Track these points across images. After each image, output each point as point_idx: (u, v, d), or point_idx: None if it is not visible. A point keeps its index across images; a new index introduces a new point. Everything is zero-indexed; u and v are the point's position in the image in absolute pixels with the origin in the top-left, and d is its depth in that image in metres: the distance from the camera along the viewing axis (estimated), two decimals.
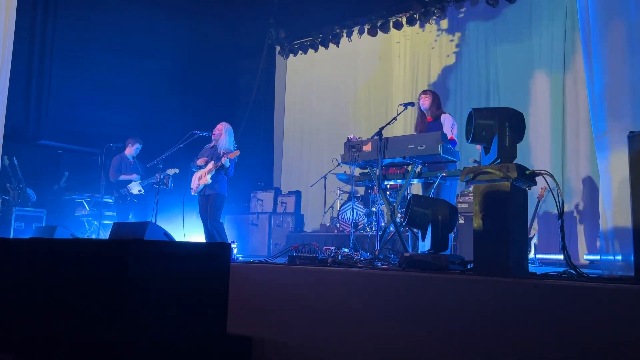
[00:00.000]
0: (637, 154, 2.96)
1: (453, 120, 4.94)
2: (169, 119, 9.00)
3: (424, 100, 4.97)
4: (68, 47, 8.47)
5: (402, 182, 4.70)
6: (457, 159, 4.49)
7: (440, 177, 4.39)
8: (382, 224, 4.85)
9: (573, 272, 2.81)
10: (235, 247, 5.56)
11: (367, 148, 4.46)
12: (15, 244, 2.58)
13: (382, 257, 4.09)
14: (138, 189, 6.81)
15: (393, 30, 8.14)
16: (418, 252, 3.69)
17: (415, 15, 7.74)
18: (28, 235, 6.73)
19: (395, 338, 2.60)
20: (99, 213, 7.27)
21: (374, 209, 6.38)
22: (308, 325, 2.92)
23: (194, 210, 5.88)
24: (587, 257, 5.73)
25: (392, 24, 8.06)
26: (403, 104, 4.81)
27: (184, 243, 3.73)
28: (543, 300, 2.25)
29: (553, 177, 2.91)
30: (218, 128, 5.74)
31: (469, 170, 2.97)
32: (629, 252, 3.42)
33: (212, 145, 5.81)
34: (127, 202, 6.77)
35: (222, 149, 5.63)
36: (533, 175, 2.93)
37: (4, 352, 2.28)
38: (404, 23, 7.95)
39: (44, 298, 2.25)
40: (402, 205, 4.72)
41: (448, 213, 3.41)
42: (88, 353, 2.04)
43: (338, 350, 2.76)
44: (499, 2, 7.07)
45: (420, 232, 3.58)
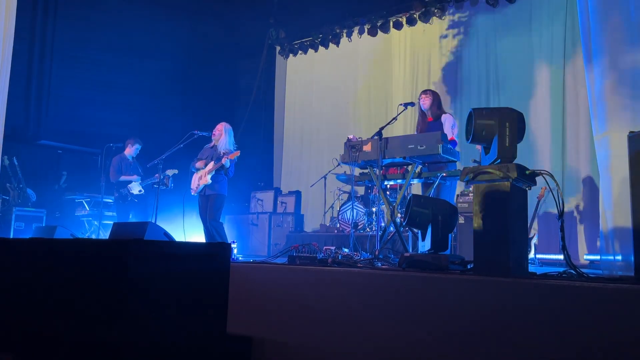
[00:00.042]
0: (637, 154, 2.96)
1: (454, 121, 4.92)
2: (169, 119, 9.00)
3: (425, 100, 4.95)
4: (68, 47, 8.47)
5: (402, 182, 4.70)
6: (457, 159, 4.49)
7: (440, 177, 4.39)
8: (382, 224, 4.85)
9: (573, 272, 2.81)
10: (235, 247, 5.56)
11: (367, 148, 4.46)
12: (15, 244, 2.58)
13: (382, 257, 4.09)
14: (138, 189, 6.82)
15: (393, 30, 8.13)
16: (418, 252, 3.69)
17: (415, 15, 7.74)
18: (28, 235, 6.73)
19: (395, 338, 2.60)
20: (99, 213, 7.27)
21: (374, 209, 6.38)
22: (308, 325, 2.91)
23: (194, 210, 5.88)
24: (587, 257, 5.73)
25: (392, 24, 8.06)
26: (403, 104, 4.80)
27: (184, 243, 3.73)
28: (543, 300, 2.25)
29: (553, 177, 2.91)
30: (218, 128, 5.74)
31: (469, 170, 2.97)
32: (629, 252, 3.42)
33: (212, 146, 5.80)
34: (127, 202, 6.78)
35: (222, 149, 5.63)
36: (533, 175, 2.93)
37: (4, 352, 2.28)
38: (404, 23, 7.95)
39: (44, 298, 2.25)
40: (402, 205, 4.72)
41: (448, 213, 3.41)
42: (88, 353, 2.04)
43: (338, 350, 2.76)
44: (499, 2, 7.07)
45: (420, 232, 3.58)
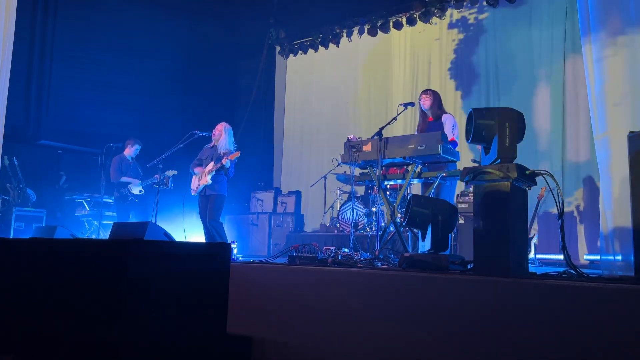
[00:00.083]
0: (637, 154, 2.96)
1: (455, 121, 4.89)
2: (169, 119, 9.00)
3: (425, 101, 4.93)
4: (68, 47, 8.47)
5: (402, 182, 4.70)
6: (457, 159, 4.49)
7: (440, 177, 4.39)
8: (382, 224, 4.85)
9: (573, 272, 2.81)
10: (235, 247, 5.55)
11: (367, 148, 4.46)
12: (15, 244, 2.58)
13: (382, 257, 4.09)
14: (139, 189, 6.82)
15: (393, 30, 8.13)
16: (418, 252, 3.69)
17: (415, 15, 7.74)
18: (28, 235, 6.73)
19: (395, 338, 2.60)
20: (99, 213, 7.27)
21: (374, 209, 6.38)
22: (308, 325, 2.91)
23: (195, 210, 5.88)
24: (587, 257, 5.73)
25: (392, 24, 8.05)
26: (403, 104, 4.80)
27: (184, 243, 3.73)
28: (543, 300, 2.25)
29: (553, 177, 2.91)
30: (218, 129, 5.73)
31: (469, 170, 2.97)
32: (629, 252, 3.42)
33: (212, 146, 5.80)
34: (128, 202, 6.78)
35: (222, 150, 5.63)
36: (533, 175, 2.93)
37: (5, 353, 2.28)
38: (404, 23, 7.94)
39: (44, 298, 2.25)
40: (402, 205, 4.72)
41: (448, 213, 3.41)
42: (88, 353, 2.04)
43: (338, 350, 2.76)
44: (499, 2, 7.07)
45: (420, 232, 3.58)
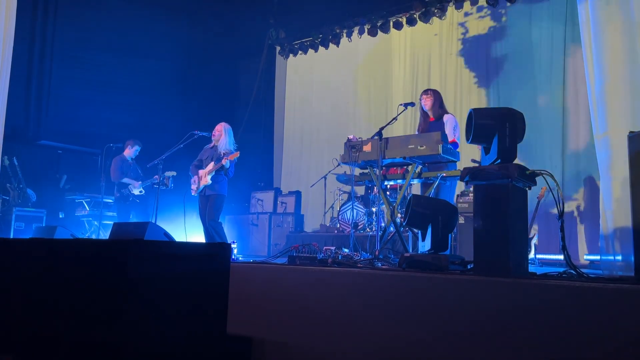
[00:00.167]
0: (637, 154, 2.96)
1: (456, 122, 4.85)
2: (169, 119, 9.00)
3: (426, 101, 4.90)
4: (68, 47, 8.46)
5: (402, 182, 4.69)
6: (457, 159, 4.48)
7: (440, 177, 4.39)
8: (382, 224, 4.85)
9: (573, 272, 2.81)
10: (235, 247, 5.56)
11: (367, 148, 4.46)
12: (15, 244, 2.58)
13: (382, 257, 4.09)
14: (139, 190, 6.83)
15: (393, 30, 8.13)
16: (418, 252, 3.69)
17: (415, 15, 7.73)
18: (28, 236, 6.73)
19: (396, 338, 2.60)
20: (99, 213, 7.27)
21: (374, 209, 6.38)
22: (308, 326, 2.91)
23: (195, 211, 5.88)
24: (587, 257, 5.73)
25: (392, 24, 8.05)
26: (403, 104, 4.79)
27: (184, 243, 3.73)
28: (543, 300, 2.25)
29: (553, 177, 2.91)
30: (217, 129, 5.73)
31: (469, 170, 2.97)
32: (629, 252, 3.42)
33: (212, 146, 5.80)
34: (128, 202, 6.78)
35: (222, 150, 5.63)
36: (533, 175, 2.93)
37: (5, 353, 2.28)
38: (404, 23, 7.94)
39: (44, 298, 2.25)
40: (402, 206, 4.72)
41: (448, 213, 3.41)
42: (88, 353, 2.04)
43: (338, 351, 2.76)
44: (499, 2, 7.07)
45: (420, 232, 3.58)
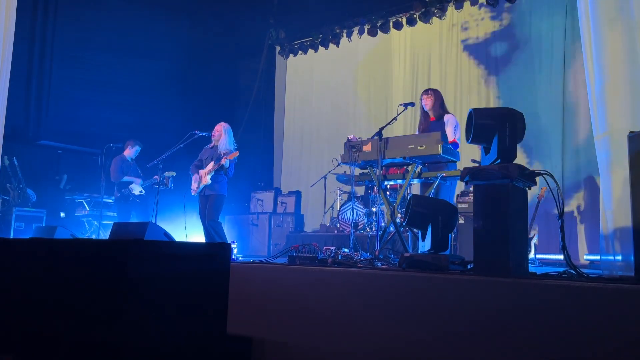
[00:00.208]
0: (637, 154, 2.96)
1: (457, 122, 4.82)
2: (169, 119, 9.00)
3: (426, 101, 4.88)
4: (68, 47, 8.46)
5: (402, 182, 4.69)
6: (457, 159, 4.48)
7: (440, 177, 4.39)
8: (382, 224, 4.85)
9: (573, 272, 2.81)
10: (236, 247, 5.56)
11: (367, 148, 4.46)
12: (15, 244, 2.58)
13: (382, 257, 4.09)
14: (139, 190, 6.83)
15: (393, 30, 8.13)
16: (418, 252, 3.69)
17: (415, 15, 7.73)
18: (28, 236, 6.73)
19: (396, 338, 2.60)
20: (99, 213, 7.27)
21: (374, 209, 6.38)
22: (308, 326, 2.91)
23: (195, 211, 5.88)
24: (587, 257, 5.73)
25: (392, 24, 8.05)
26: (403, 104, 4.79)
27: (184, 243, 3.73)
28: (543, 300, 2.25)
29: (553, 177, 2.91)
30: (217, 129, 5.73)
31: (469, 170, 2.97)
32: (629, 252, 3.42)
33: (212, 146, 5.80)
34: (129, 202, 6.78)
35: (222, 150, 5.63)
36: (533, 175, 2.93)
37: (5, 353, 2.28)
38: (404, 23, 7.94)
39: (44, 298, 2.25)
40: (402, 205, 4.71)
41: (448, 213, 3.41)
42: (88, 353, 2.04)
43: (338, 351, 2.76)
44: (499, 2, 7.07)
45: (420, 232, 3.58)
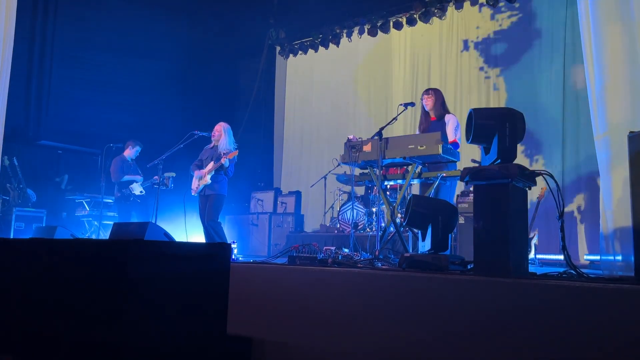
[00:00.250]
0: (637, 154, 2.96)
1: (457, 122, 4.80)
2: (169, 119, 9.00)
3: (427, 101, 4.87)
4: (68, 47, 8.46)
5: (402, 182, 4.69)
6: (457, 159, 4.48)
7: (440, 177, 4.39)
8: (382, 224, 4.85)
9: (573, 272, 2.81)
10: (236, 247, 5.56)
11: (367, 148, 4.46)
12: (15, 244, 2.58)
13: (382, 257, 4.09)
14: (139, 190, 6.82)
15: (393, 30, 8.13)
16: (418, 252, 3.69)
17: (415, 15, 7.73)
18: (28, 236, 6.73)
19: (396, 338, 2.60)
20: (99, 213, 7.27)
21: (374, 209, 6.38)
22: (308, 326, 2.91)
23: (195, 211, 5.88)
24: (587, 257, 5.73)
25: (392, 24, 8.05)
26: (403, 104, 4.78)
27: (184, 243, 3.73)
28: (543, 301, 2.25)
29: (553, 177, 2.91)
30: (217, 129, 5.73)
31: (469, 170, 2.97)
32: (629, 252, 3.42)
33: (212, 146, 5.80)
34: (129, 202, 6.78)
35: (222, 150, 5.63)
36: (533, 175, 2.93)
37: (5, 353, 2.28)
38: (404, 23, 7.94)
39: (44, 298, 2.25)
40: (402, 206, 4.72)
41: (448, 213, 3.41)
42: (88, 353, 2.04)
43: (338, 351, 2.76)
44: (499, 2, 7.07)
45: (420, 232, 3.58)
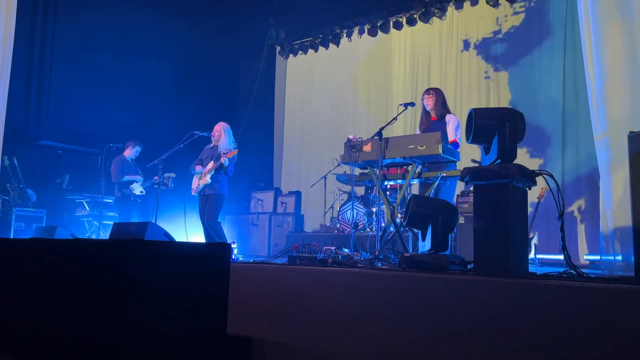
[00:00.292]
0: (637, 154, 2.96)
1: (458, 122, 4.78)
2: (169, 119, 8.99)
3: (428, 101, 4.85)
4: (68, 47, 8.46)
5: (402, 182, 4.69)
6: (457, 159, 4.48)
7: (440, 177, 4.38)
8: (382, 224, 4.85)
9: (573, 272, 2.81)
10: (236, 247, 5.56)
11: (367, 148, 4.46)
12: (15, 244, 2.58)
13: (382, 257, 4.09)
14: (140, 190, 6.82)
15: (393, 30, 8.13)
16: (418, 252, 3.69)
17: (415, 15, 7.73)
18: (28, 236, 6.73)
19: (396, 338, 2.60)
20: (99, 213, 7.27)
21: (374, 209, 6.38)
22: (308, 326, 2.91)
23: (195, 211, 5.88)
24: (587, 257, 5.73)
25: (392, 24, 8.05)
26: (403, 104, 4.78)
27: (184, 243, 3.73)
28: (543, 301, 2.25)
29: (553, 177, 2.91)
30: (216, 129, 5.73)
31: (469, 170, 2.97)
32: (629, 252, 3.42)
33: (212, 146, 5.80)
34: (130, 201, 6.78)
35: (222, 149, 5.63)
36: (533, 175, 2.93)
37: (5, 353, 2.28)
38: (404, 23, 7.94)
39: (44, 298, 2.25)
40: (402, 206, 4.71)
41: (448, 213, 3.41)
42: (88, 353, 2.04)
43: (338, 351, 2.76)
44: (499, 2, 7.07)
45: (420, 232, 3.58)
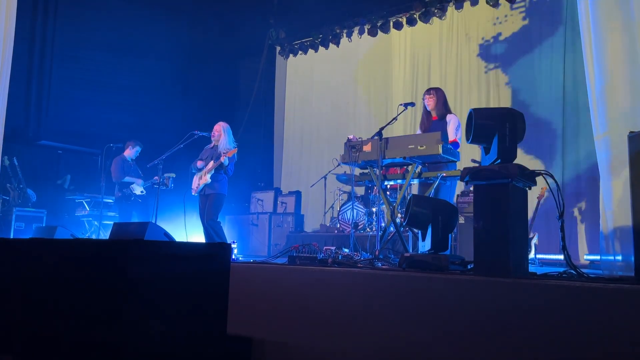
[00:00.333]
0: (637, 154, 2.96)
1: (459, 122, 4.78)
2: (169, 119, 8.99)
3: (429, 101, 4.85)
4: (68, 47, 8.46)
5: (402, 182, 4.69)
6: (457, 159, 4.48)
7: (440, 177, 4.38)
8: (382, 224, 4.85)
9: (573, 272, 2.81)
10: (236, 247, 5.56)
11: (367, 148, 4.46)
12: (15, 244, 2.58)
13: (382, 257, 4.09)
14: (140, 190, 6.83)
15: (393, 30, 8.13)
16: (418, 252, 3.69)
17: (415, 15, 7.73)
18: (28, 236, 6.73)
19: (396, 338, 2.60)
20: (99, 213, 7.27)
21: (374, 209, 6.38)
22: (308, 326, 2.91)
23: (195, 211, 5.88)
24: (587, 257, 5.73)
25: (392, 24, 8.05)
26: (403, 104, 4.78)
27: (184, 243, 3.73)
28: (543, 301, 2.25)
29: (553, 177, 2.91)
30: (216, 129, 5.73)
31: (469, 170, 2.97)
32: (629, 252, 3.42)
33: (212, 146, 5.80)
34: (130, 201, 6.78)
35: (222, 149, 5.63)
36: (533, 175, 2.93)
37: (5, 353, 2.28)
38: (404, 23, 7.94)
39: (44, 298, 2.25)
40: (402, 206, 4.71)
41: (448, 213, 3.41)
42: (88, 353, 2.04)
43: (338, 351, 2.76)
44: (499, 2, 7.07)
45: (420, 232, 3.58)
